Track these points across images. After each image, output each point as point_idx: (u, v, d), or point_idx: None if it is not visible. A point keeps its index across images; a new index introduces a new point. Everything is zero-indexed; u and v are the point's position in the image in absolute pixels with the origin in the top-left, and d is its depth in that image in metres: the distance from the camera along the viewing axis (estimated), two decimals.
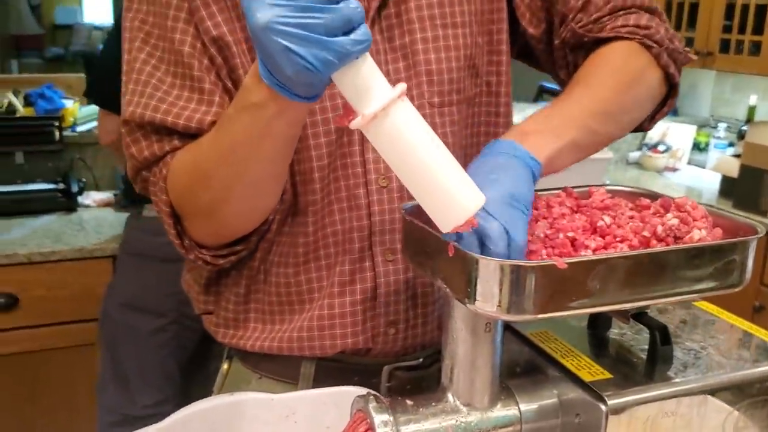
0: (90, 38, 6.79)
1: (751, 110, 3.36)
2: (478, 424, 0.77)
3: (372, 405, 0.74)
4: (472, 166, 0.78)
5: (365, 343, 0.97)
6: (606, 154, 2.88)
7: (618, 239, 0.74)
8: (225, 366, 1.08)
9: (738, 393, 0.78)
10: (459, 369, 0.77)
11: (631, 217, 0.78)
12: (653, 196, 0.84)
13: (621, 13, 0.97)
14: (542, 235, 0.74)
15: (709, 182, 3.19)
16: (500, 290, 0.66)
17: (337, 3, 0.62)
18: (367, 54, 0.65)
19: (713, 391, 0.77)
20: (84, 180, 2.63)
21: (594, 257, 0.68)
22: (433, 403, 0.77)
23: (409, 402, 0.76)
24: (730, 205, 2.86)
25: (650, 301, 0.71)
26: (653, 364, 0.79)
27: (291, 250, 0.97)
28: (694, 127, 3.58)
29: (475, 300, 0.68)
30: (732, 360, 0.81)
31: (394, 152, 0.67)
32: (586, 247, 0.73)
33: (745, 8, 3.04)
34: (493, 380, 0.77)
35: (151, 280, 1.97)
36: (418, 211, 0.77)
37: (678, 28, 3.37)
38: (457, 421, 0.76)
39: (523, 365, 0.86)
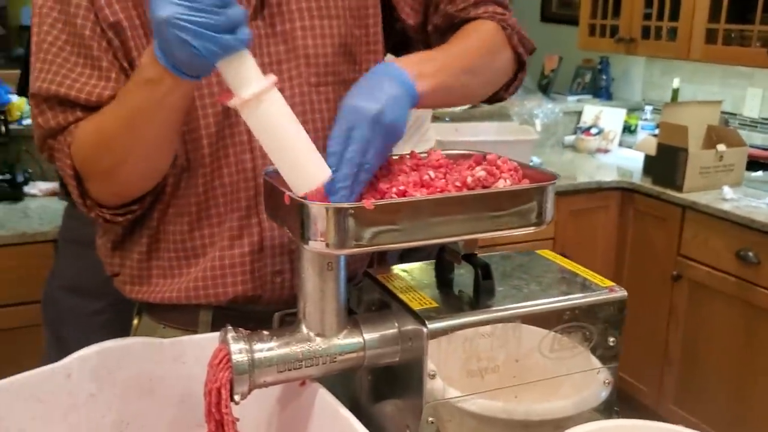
0: None
1: (675, 92, 3.53)
2: (326, 350, 0.90)
3: (230, 335, 0.87)
4: (359, 81, 0.93)
5: (254, 291, 1.10)
6: (531, 135, 3.03)
7: (439, 189, 0.87)
8: (135, 321, 1.21)
9: (551, 319, 0.93)
10: (309, 303, 0.90)
11: (457, 172, 0.92)
12: (476, 154, 0.98)
13: (481, 2, 1.16)
14: (380, 190, 0.88)
15: (636, 161, 3.35)
16: (325, 229, 0.79)
17: (226, 7, 0.79)
18: (246, 50, 0.82)
19: (526, 318, 0.91)
20: (30, 171, 2.72)
21: (393, 200, 0.81)
22: (288, 334, 0.90)
23: (265, 333, 0.89)
24: (651, 182, 3.03)
25: (454, 238, 0.85)
26: (477, 296, 0.93)
27: (185, 210, 1.09)
28: (624, 111, 3.75)
29: (308, 239, 0.81)
30: (549, 292, 0.95)
31: (262, 131, 0.84)
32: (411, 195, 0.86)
33: None
34: (339, 312, 0.91)
35: (88, 265, 2.06)
36: (275, 175, 0.91)
37: (604, 16, 3.53)
38: (308, 347, 0.89)
39: (376, 303, 0.99)
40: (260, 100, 0.81)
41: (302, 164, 0.83)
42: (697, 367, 2.87)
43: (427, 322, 0.86)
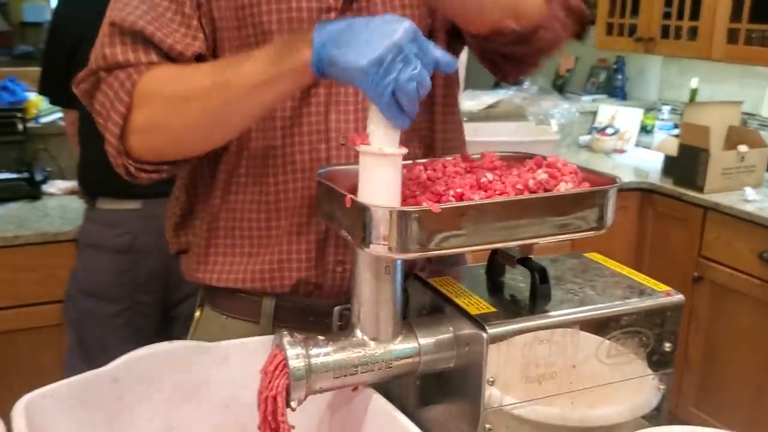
0: None
1: (693, 92, 3.51)
2: (382, 355, 0.88)
3: (286, 339, 0.85)
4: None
5: (317, 278, 1.08)
6: (553, 136, 3.01)
7: (498, 192, 0.86)
8: (197, 313, 1.21)
9: (608, 325, 0.91)
10: (365, 308, 0.88)
11: (517, 175, 0.90)
12: (537, 156, 0.96)
13: None
14: (437, 192, 0.86)
15: (653, 162, 3.33)
16: (388, 232, 0.78)
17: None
18: None
19: (584, 323, 0.89)
20: (49, 169, 2.71)
21: (462, 203, 0.79)
22: (343, 338, 0.88)
23: (321, 337, 0.87)
24: (671, 183, 3.01)
25: (519, 242, 0.83)
26: (534, 300, 0.91)
27: (253, 197, 1.08)
28: (641, 111, 3.73)
29: (370, 243, 0.79)
30: (605, 298, 0.94)
31: (370, 179, 0.82)
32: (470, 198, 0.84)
33: None
34: (395, 317, 0.89)
35: (104, 270, 2.07)
36: (328, 175, 0.89)
37: (622, 15, 3.51)
38: (363, 352, 0.88)
39: (427, 307, 0.98)
40: (390, 160, 0.81)
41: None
42: (718, 369, 2.85)
43: (487, 327, 0.84)
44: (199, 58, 1.02)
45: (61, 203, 2.55)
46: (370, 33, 0.81)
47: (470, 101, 3.46)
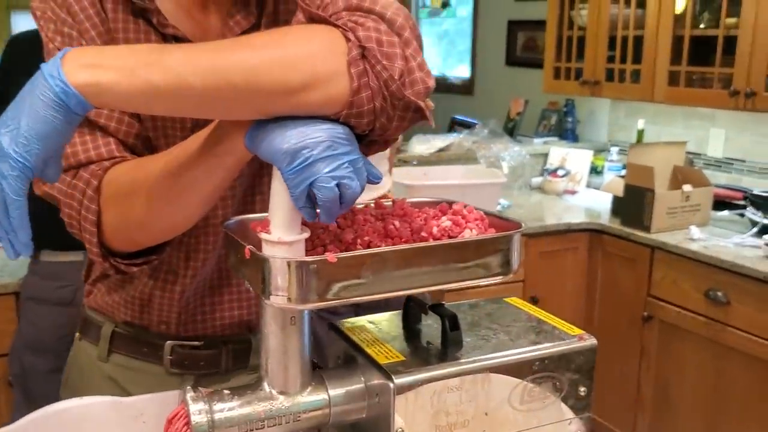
0: None
1: (640, 133, 3.57)
2: (289, 408, 0.87)
3: (189, 395, 0.83)
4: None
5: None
6: (499, 178, 3.04)
7: (403, 240, 0.85)
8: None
9: (520, 370, 0.90)
10: (272, 360, 0.87)
11: (423, 222, 0.90)
12: (442, 203, 0.96)
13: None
14: (345, 241, 0.86)
15: (604, 203, 3.37)
16: (287, 283, 0.77)
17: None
18: None
19: (494, 369, 0.89)
20: None
21: (358, 252, 0.79)
22: (249, 392, 0.87)
23: (227, 392, 0.86)
24: (619, 223, 3.05)
25: (423, 289, 0.83)
26: (445, 347, 0.91)
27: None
28: (590, 152, 3.78)
29: (269, 294, 0.78)
30: (517, 342, 0.93)
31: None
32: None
33: (625, 40, 3.26)
34: (303, 368, 0.88)
35: (47, 323, 2.04)
36: (235, 227, 0.88)
37: (568, 59, 3.58)
38: (270, 406, 0.86)
39: (342, 356, 0.96)
40: (289, 246, 0.78)
41: None
42: (670, 408, 2.85)
43: (393, 377, 0.83)
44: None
45: (4, 257, 2.50)
46: (304, 124, 0.75)
47: (421, 145, 3.49)
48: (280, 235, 0.79)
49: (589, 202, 3.52)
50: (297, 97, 0.74)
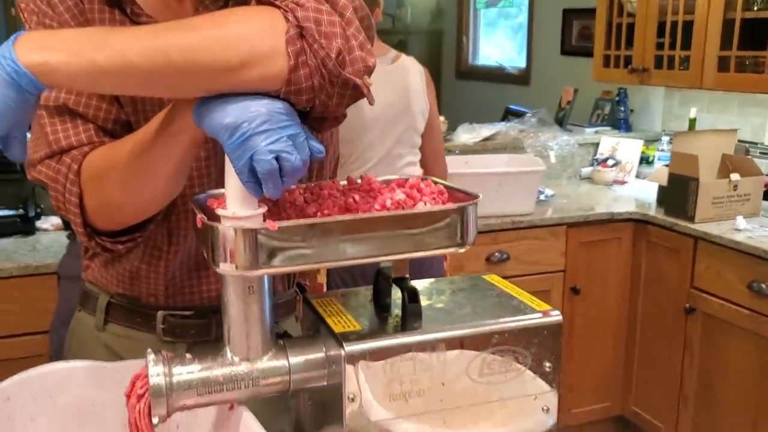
0: None
1: (692, 122, 3.48)
2: (248, 373, 0.90)
3: (150, 357, 0.87)
4: None
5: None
6: (539, 166, 3.01)
7: (360, 212, 0.87)
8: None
9: (476, 343, 0.91)
10: (234, 327, 0.90)
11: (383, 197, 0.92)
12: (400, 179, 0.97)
13: None
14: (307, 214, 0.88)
15: (652, 193, 3.30)
16: (234, 250, 0.80)
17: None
18: None
19: (450, 340, 0.90)
20: (42, 206, 2.79)
21: (298, 222, 0.81)
22: (210, 357, 0.90)
23: (188, 356, 0.89)
24: (663, 213, 2.98)
25: (372, 259, 0.85)
26: (405, 319, 0.92)
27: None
28: (641, 142, 3.71)
29: (218, 262, 0.81)
30: (480, 316, 0.94)
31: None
32: None
33: (675, 25, 3.18)
34: (264, 336, 0.90)
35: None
36: (204, 202, 0.92)
37: (618, 47, 3.51)
38: (229, 370, 0.89)
39: (311, 328, 0.99)
40: (246, 221, 0.80)
41: None
42: (713, 402, 2.78)
43: (345, 345, 0.85)
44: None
45: (52, 238, 2.61)
46: (244, 99, 0.78)
47: (466, 134, 3.48)
48: (235, 210, 0.81)
49: (638, 193, 3.45)
50: (236, 74, 0.77)
